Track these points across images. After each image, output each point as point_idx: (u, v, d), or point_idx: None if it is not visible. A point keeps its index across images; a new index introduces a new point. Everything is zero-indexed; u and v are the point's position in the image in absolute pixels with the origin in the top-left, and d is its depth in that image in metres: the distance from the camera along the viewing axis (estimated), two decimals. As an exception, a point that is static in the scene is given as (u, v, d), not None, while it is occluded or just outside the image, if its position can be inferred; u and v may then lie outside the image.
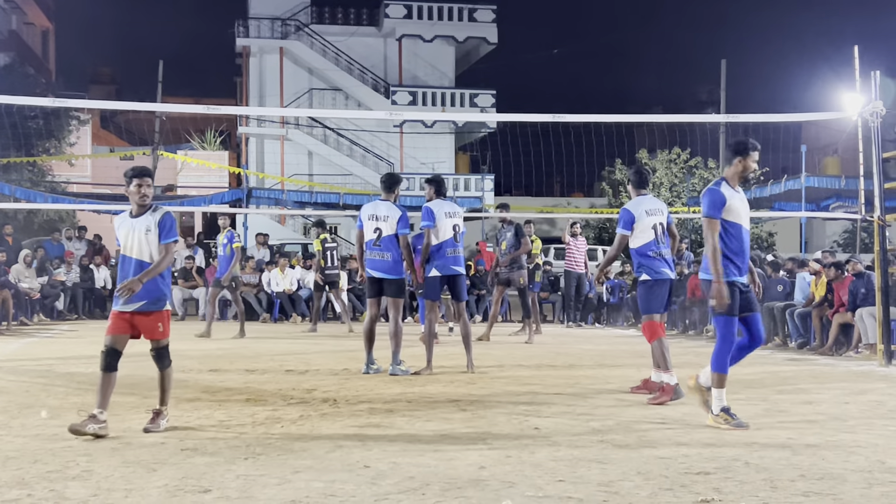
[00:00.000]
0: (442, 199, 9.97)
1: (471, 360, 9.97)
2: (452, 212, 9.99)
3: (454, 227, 9.89)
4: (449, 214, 9.89)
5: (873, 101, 11.05)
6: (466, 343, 10.11)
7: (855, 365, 11.32)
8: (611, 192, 40.23)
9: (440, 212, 9.85)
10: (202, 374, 9.45)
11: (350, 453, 5.45)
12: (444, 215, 9.85)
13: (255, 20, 41.50)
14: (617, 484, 4.70)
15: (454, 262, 9.91)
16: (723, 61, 33.31)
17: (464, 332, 10.16)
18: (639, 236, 8.18)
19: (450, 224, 9.85)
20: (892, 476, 4.90)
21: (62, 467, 5.09)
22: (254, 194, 29.07)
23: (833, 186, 25.42)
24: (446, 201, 10.07)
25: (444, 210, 9.92)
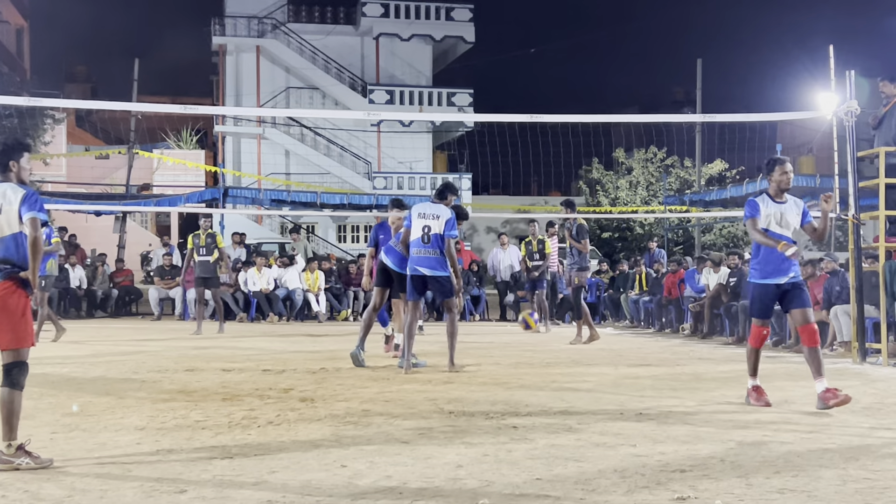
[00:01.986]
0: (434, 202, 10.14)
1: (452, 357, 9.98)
2: (424, 213, 10.04)
3: (424, 227, 9.93)
4: (421, 215, 9.98)
5: (848, 100, 11.12)
6: (450, 341, 10.09)
7: (830, 362, 11.36)
8: (588, 191, 40.35)
9: (414, 212, 10.05)
10: (178, 374, 9.40)
11: (327, 453, 5.44)
12: (417, 216, 9.99)
13: (232, 18, 41.34)
14: (594, 482, 4.71)
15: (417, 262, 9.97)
16: (699, 61, 33.44)
17: (449, 331, 10.13)
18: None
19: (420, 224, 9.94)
20: (865, 473, 4.94)
21: (36, 468, 5.05)
22: (230, 193, 28.93)
23: (808, 185, 25.56)
24: (427, 203, 10.27)
25: (418, 211, 10.07)
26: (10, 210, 5.24)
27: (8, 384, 5.14)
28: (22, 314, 5.21)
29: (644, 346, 13.93)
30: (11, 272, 5.20)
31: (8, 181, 5.36)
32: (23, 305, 5.22)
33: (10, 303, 5.17)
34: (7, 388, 5.13)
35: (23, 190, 5.31)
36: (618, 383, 8.99)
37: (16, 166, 5.39)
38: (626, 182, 38.33)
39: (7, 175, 5.37)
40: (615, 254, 33.93)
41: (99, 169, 38.15)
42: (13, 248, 5.22)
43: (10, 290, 5.19)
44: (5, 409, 5.10)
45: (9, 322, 5.16)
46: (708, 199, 29.05)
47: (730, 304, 15.76)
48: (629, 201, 36.93)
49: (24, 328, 5.21)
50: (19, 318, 5.20)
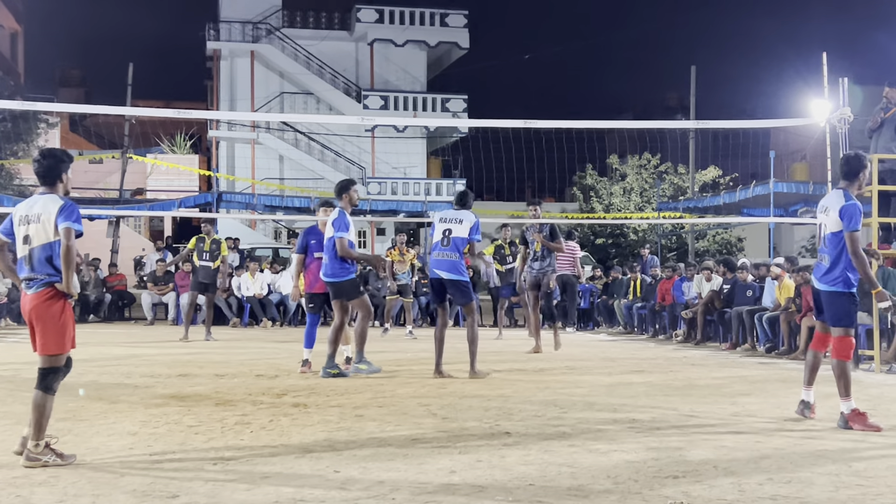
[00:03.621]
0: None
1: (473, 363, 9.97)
2: (446, 217, 10.13)
3: (445, 231, 9.98)
4: (443, 220, 10.10)
5: (841, 107, 11.17)
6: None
7: (823, 369, 11.37)
8: (582, 197, 40.39)
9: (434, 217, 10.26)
10: (171, 379, 9.38)
11: (320, 458, 5.44)
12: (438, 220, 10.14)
13: (226, 23, 41.32)
14: (587, 488, 4.71)
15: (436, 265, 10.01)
16: (692, 67, 33.47)
17: (469, 337, 10.00)
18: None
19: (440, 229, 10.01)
20: (858, 479, 4.94)
21: (28, 472, 5.05)
22: (224, 198, 28.94)
23: (801, 192, 25.62)
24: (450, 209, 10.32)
25: (440, 216, 10.23)
26: (48, 220, 5.39)
27: (42, 388, 5.34)
28: (60, 321, 5.36)
29: (638, 353, 13.94)
30: (49, 280, 5.36)
31: (52, 193, 5.52)
32: (60, 312, 5.36)
33: (48, 309, 5.34)
34: (41, 391, 5.32)
35: (61, 201, 5.46)
36: (611, 389, 8.99)
37: (65, 178, 5.59)
38: (620, 188, 38.36)
39: (54, 188, 5.54)
40: (609, 260, 33.93)
41: (92, 173, 38.09)
42: (51, 256, 5.38)
43: (49, 296, 5.35)
44: (37, 411, 5.28)
45: (46, 328, 5.34)
46: (702, 206, 29.08)
47: (723, 311, 15.78)
48: (623, 207, 36.95)
49: (61, 334, 5.36)
50: (57, 324, 5.35)
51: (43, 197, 5.48)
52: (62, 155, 5.62)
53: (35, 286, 5.36)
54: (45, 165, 5.53)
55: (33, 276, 5.37)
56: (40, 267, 5.35)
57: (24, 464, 5.18)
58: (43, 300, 5.33)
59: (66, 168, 5.56)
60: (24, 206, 5.51)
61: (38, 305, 5.33)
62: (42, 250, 5.36)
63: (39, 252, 5.36)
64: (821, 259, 7.07)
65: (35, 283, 5.36)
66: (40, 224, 5.38)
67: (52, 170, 5.53)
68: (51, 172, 5.53)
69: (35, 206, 5.46)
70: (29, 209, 5.47)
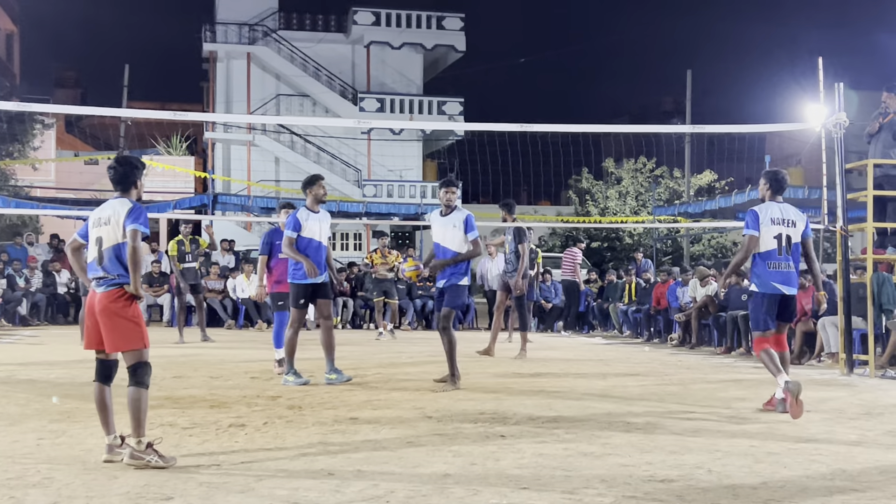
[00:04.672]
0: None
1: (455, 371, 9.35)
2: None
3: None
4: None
5: (837, 112, 11.17)
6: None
7: (817, 373, 11.42)
8: (577, 201, 40.42)
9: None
10: (165, 381, 9.37)
11: (314, 460, 5.43)
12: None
13: (223, 25, 41.30)
14: (581, 491, 4.71)
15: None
16: (688, 72, 33.58)
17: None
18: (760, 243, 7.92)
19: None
20: (852, 484, 4.95)
21: (22, 474, 5.04)
22: (219, 200, 28.90)
23: (796, 197, 25.63)
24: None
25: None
26: (117, 222, 5.54)
27: (134, 383, 5.45)
28: (133, 318, 5.50)
29: (632, 356, 13.95)
30: (120, 281, 5.49)
31: (125, 197, 5.68)
32: (132, 310, 5.50)
33: (121, 309, 5.47)
34: (134, 387, 5.44)
35: (130, 204, 5.61)
36: (606, 393, 9.00)
37: (139, 184, 5.76)
38: (616, 192, 38.40)
39: (128, 193, 5.71)
40: (604, 263, 33.97)
41: (88, 174, 37.99)
42: (121, 257, 5.52)
43: (119, 296, 5.48)
44: (133, 406, 5.40)
45: (120, 326, 5.46)
46: (697, 210, 29.12)
47: (718, 315, 15.80)
48: (618, 211, 36.99)
49: (138, 331, 5.51)
50: (133, 322, 5.49)
51: (114, 201, 5.65)
52: (136, 163, 5.79)
53: (105, 285, 5.48)
54: (119, 172, 5.70)
55: (104, 276, 5.50)
56: (112, 267, 5.49)
57: (127, 462, 5.25)
58: (113, 300, 5.46)
59: (139, 175, 5.74)
60: (98, 210, 5.69)
61: (109, 305, 5.45)
62: (113, 251, 5.51)
63: (110, 252, 5.52)
64: (787, 267, 7.90)
65: (105, 283, 5.49)
66: (110, 226, 5.54)
67: (126, 176, 5.70)
68: (125, 179, 5.70)
69: (106, 210, 5.63)
70: (102, 212, 5.64)
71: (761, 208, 8.01)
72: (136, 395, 5.40)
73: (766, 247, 7.88)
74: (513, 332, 16.92)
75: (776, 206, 8.06)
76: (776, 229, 7.89)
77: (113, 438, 5.47)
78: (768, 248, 7.88)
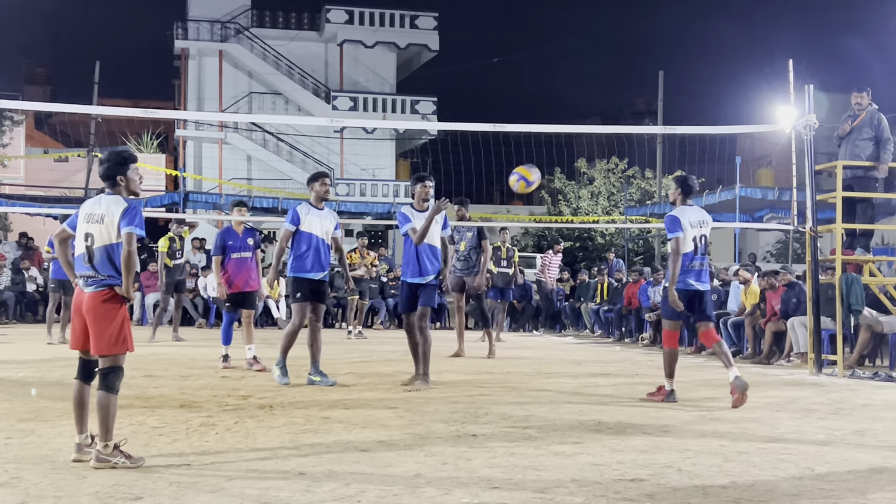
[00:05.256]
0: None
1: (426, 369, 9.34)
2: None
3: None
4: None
5: (807, 114, 11.26)
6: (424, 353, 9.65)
7: (786, 373, 11.52)
8: (550, 201, 40.51)
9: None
10: (135, 380, 9.30)
11: (285, 460, 5.41)
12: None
13: (195, 22, 41.05)
14: (552, 490, 4.72)
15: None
16: (660, 73, 33.73)
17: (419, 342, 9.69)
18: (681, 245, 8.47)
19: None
20: (821, 483, 4.99)
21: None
22: (191, 198, 28.77)
23: (767, 198, 25.86)
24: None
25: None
26: (111, 222, 5.44)
27: (104, 388, 5.37)
28: (118, 322, 5.41)
29: (604, 356, 14.00)
30: (110, 282, 5.41)
31: (116, 194, 5.56)
32: (118, 313, 5.42)
33: (107, 311, 5.39)
34: (103, 391, 5.36)
35: (125, 203, 5.50)
36: (577, 392, 9.03)
37: (123, 180, 5.60)
38: (588, 192, 38.54)
39: (116, 189, 5.58)
40: (576, 263, 34.10)
41: (58, 172, 37.76)
42: (113, 258, 5.42)
43: (107, 297, 5.40)
44: (101, 411, 5.32)
45: (104, 328, 5.37)
46: (668, 211, 29.25)
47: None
48: (591, 211, 37.13)
49: (120, 335, 5.40)
50: (116, 325, 5.40)
51: (108, 197, 5.53)
52: (119, 157, 5.65)
53: (94, 285, 5.40)
54: (104, 168, 5.61)
55: (94, 275, 5.41)
56: (103, 267, 5.40)
57: (93, 465, 5.18)
58: (101, 301, 5.38)
59: (124, 170, 5.59)
60: (91, 204, 5.57)
61: (96, 306, 5.37)
62: (104, 251, 5.42)
63: (102, 252, 5.42)
64: (701, 266, 8.49)
65: (94, 283, 5.40)
66: (104, 225, 5.43)
67: (110, 171, 5.58)
68: (109, 173, 5.58)
69: (100, 206, 5.51)
70: (95, 208, 5.52)
71: (679, 213, 8.55)
72: (105, 400, 5.33)
73: (686, 248, 8.45)
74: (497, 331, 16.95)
75: (690, 209, 8.64)
76: (694, 231, 8.48)
77: (84, 438, 5.42)
78: (688, 249, 8.46)
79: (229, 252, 11.06)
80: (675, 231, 8.42)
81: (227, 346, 11.02)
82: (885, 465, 5.53)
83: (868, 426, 7.06)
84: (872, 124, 11.89)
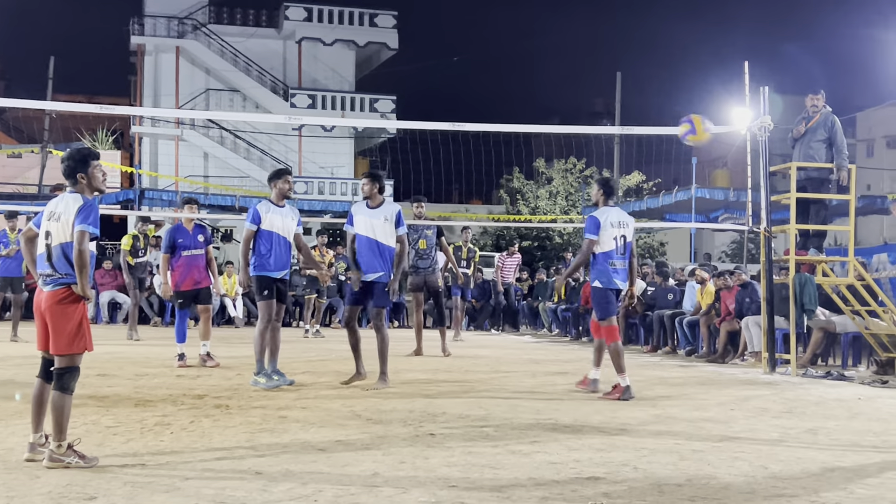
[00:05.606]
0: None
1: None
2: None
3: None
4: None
5: (762, 115, 11.38)
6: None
7: (741, 372, 11.63)
8: (508, 200, 40.62)
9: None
10: (89, 379, 9.18)
11: (241, 460, 5.38)
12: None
13: (151, 18, 40.71)
14: (509, 489, 4.73)
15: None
16: (618, 74, 33.95)
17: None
18: (602, 244, 8.85)
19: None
20: (774, 481, 5.04)
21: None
22: (146, 195, 28.50)
23: (722, 198, 26.13)
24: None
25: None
26: (67, 220, 5.38)
27: (59, 388, 5.30)
28: (75, 321, 5.34)
29: (561, 355, 14.06)
30: (67, 281, 5.34)
31: (78, 192, 5.50)
32: (76, 313, 5.35)
33: (64, 310, 5.32)
34: (58, 391, 5.29)
35: (82, 201, 5.43)
36: (535, 391, 9.06)
37: (85, 178, 5.53)
38: (546, 192, 38.69)
39: (78, 186, 5.52)
40: (534, 263, 34.22)
41: (11, 168, 37.19)
42: (69, 256, 5.35)
43: (64, 296, 5.33)
44: (56, 412, 5.25)
45: (62, 328, 5.30)
46: (626, 210, 29.44)
47: (645, 314, 16.00)
48: (549, 210, 37.28)
49: (77, 335, 5.33)
50: (74, 323, 5.33)
51: (69, 196, 5.48)
52: (79, 155, 5.59)
53: (52, 284, 5.34)
54: (64, 166, 5.56)
55: (52, 274, 5.35)
56: (61, 265, 5.34)
57: (46, 465, 5.12)
58: (58, 300, 5.31)
59: (85, 167, 5.52)
60: (55, 202, 5.53)
61: (53, 305, 5.31)
62: (62, 249, 5.36)
63: (59, 251, 5.36)
64: (623, 265, 8.92)
65: (52, 281, 5.34)
66: (60, 223, 5.38)
67: (71, 168, 5.53)
68: (70, 171, 5.53)
69: (60, 204, 5.46)
70: (56, 205, 5.49)
71: (600, 214, 8.94)
72: (59, 401, 5.27)
73: (607, 247, 8.84)
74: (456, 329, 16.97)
75: (612, 210, 9.02)
76: (615, 231, 8.86)
77: (38, 437, 5.35)
78: (609, 248, 8.84)
79: (180, 250, 11.07)
80: (591, 233, 8.87)
81: (182, 343, 10.98)
82: (838, 463, 5.60)
83: (821, 425, 7.15)
84: (826, 126, 12.04)
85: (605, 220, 8.85)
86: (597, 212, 9.04)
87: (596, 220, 8.87)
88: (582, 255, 9.08)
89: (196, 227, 11.32)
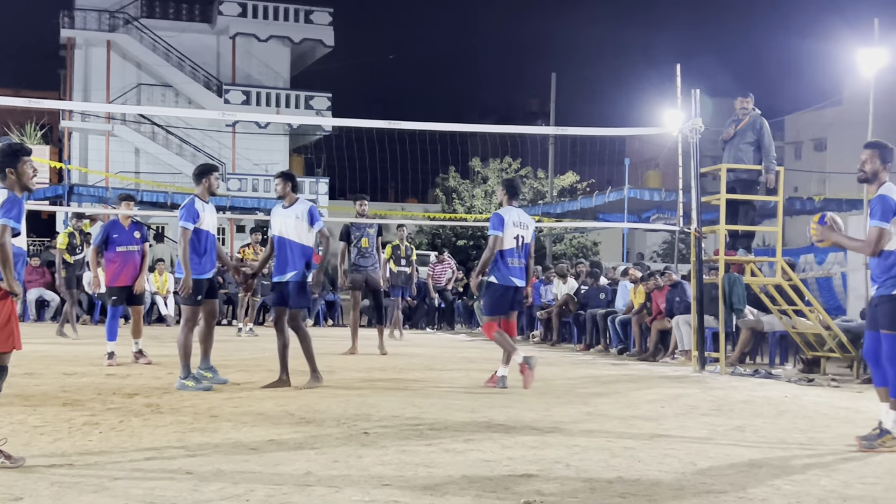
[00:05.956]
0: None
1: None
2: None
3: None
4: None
5: (693, 118, 11.53)
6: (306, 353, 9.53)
7: (671, 370, 11.79)
8: (444, 199, 40.68)
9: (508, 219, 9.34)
10: (15, 378, 8.98)
11: (172, 460, 5.31)
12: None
13: (81, 11, 39.98)
14: (442, 487, 4.74)
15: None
16: (553, 74, 34.18)
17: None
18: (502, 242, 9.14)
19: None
20: (703, 478, 5.12)
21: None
22: (76, 191, 28.00)
23: (654, 199, 26.42)
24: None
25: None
26: None
27: None
28: (4, 317, 5.25)
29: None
30: None
31: (6, 187, 5.39)
32: (7, 309, 5.26)
33: None
34: None
35: (4, 195, 5.32)
36: (469, 389, 9.09)
37: (14, 173, 5.42)
38: (482, 191, 38.82)
39: (7, 181, 5.42)
40: (469, 262, 34.32)
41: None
42: None
43: None
44: None
45: None
46: (559, 210, 29.70)
47: (578, 313, 16.14)
48: (484, 210, 37.42)
49: (9, 332, 5.26)
50: (1, 321, 5.24)
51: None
52: (9, 149, 5.50)
53: None
54: None
55: None
56: None
57: None
58: None
59: (14, 162, 5.42)
60: None
61: None
62: None
63: None
64: (520, 264, 9.22)
65: None
66: None
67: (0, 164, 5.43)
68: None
69: None
70: None
71: (503, 212, 9.25)
72: None
73: (507, 246, 9.14)
74: (395, 328, 16.94)
75: (514, 210, 9.32)
76: (515, 231, 9.17)
77: None
78: (508, 247, 9.14)
79: (114, 245, 10.98)
80: (495, 229, 9.14)
81: (112, 342, 10.84)
82: (765, 459, 5.71)
83: (748, 422, 7.28)
84: (755, 129, 12.24)
85: (508, 219, 9.17)
86: (501, 210, 9.36)
87: (500, 217, 9.17)
88: (488, 252, 9.21)
89: (132, 224, 11.24)
